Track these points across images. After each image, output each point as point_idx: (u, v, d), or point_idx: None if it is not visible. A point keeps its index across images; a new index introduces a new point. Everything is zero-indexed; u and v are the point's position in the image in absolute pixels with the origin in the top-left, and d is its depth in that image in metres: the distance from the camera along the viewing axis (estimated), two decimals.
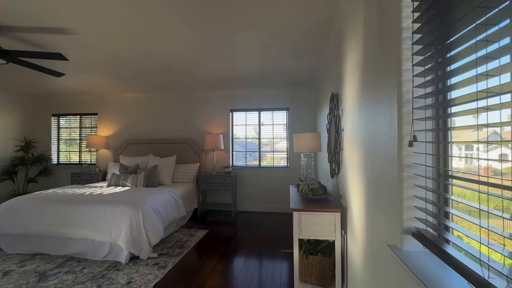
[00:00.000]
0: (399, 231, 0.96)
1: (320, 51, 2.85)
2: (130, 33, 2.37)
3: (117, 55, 2.95)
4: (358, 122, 1.57)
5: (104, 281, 2.23)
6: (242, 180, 4.73)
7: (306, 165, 2.70)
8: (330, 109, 2.51)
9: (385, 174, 1.11)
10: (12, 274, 2.35)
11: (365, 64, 1.42)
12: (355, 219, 1.66)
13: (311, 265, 2.06)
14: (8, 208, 2.87)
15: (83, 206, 2.76)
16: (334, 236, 1.90)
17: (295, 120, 4.60)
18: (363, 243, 1.47)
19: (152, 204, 2.98)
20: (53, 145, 5.43)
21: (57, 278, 2.27)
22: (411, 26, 0.92)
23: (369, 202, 1.36)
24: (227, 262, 2.66)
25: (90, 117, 5.36)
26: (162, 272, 2.39)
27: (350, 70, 1.78)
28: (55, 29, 2.30)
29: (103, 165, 5.15)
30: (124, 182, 3.85)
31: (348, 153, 1.87)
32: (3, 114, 4.95)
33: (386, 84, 1.09)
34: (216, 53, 2.90)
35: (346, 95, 1.93)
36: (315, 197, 2.11)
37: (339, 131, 2.13)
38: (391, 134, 1.04)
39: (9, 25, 2.20)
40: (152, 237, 2.72)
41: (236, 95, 4.75)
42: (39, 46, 2.65)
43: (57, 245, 2.74)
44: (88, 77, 3.86)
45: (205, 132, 4.84)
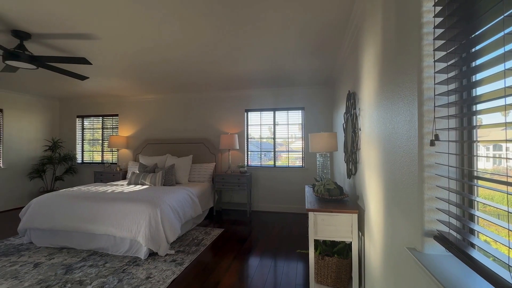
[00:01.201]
0: (420, 233, 0.93)
1: (336, 49, 2.80)
2: (149, 37, 2.45)
3: (136, 58, 3.06)
4: (376, 121, 1.53)
5: (124, 275, 2.32)
6: (257, 180, 4.74)
7: (321, 165, 2.66)
8: (347, 108, 2.46)
9: (404, 175, 1.08)
10: (41, 266, 2.50)
11: (383, 62, 1.38)
12: (373, 221, 1.61)
13: (327, 266, 2.03)
14: (38, 204, 3.05)
15: (105, 204, 2.89)
16: (351, 237, 1.86)
17: (311, 120, 4.55)
18: (382, 245, 1.43)
19: (170, 202, 3.06)
20: (78, 145, 5.72)
21: (82, 271, 2.39)
22: (432, 20, 0.89)
23: (387, 203, 1.32)
24: (242, 261, 2.68)
25: (111, 118, 5.59)
26: (179, 269, 2.45)
27: (368, 68, 1.74)
28: (80, 35, 2.42)
29: (124, 164, 5.36)
30: (143, 180, 3.98)
31: (365, 153, 1.82)
32: (33, 116, 5.28)
33: (406, 81, 1.05)
34: (232, 55, 2.93)
35: (363, 93, 1.89)
36: (331, 197, 2.07)
37: (356, 130, 2.08)
38: (411, 133, 1.01)
39: (39, 32, 2.34)
40: (169, 234, 2.80)
41: (251, 95, 4.77)
42: (65, 51, 2.80)
43: (82, 240, 2.88)
44: (109, 79, 4.03)
45: (220, 132, 4.90)
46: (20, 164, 5.01)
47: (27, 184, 5.12)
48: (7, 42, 2.52)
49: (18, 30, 2.30)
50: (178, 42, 2.58)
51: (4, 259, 2.64)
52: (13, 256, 2.72)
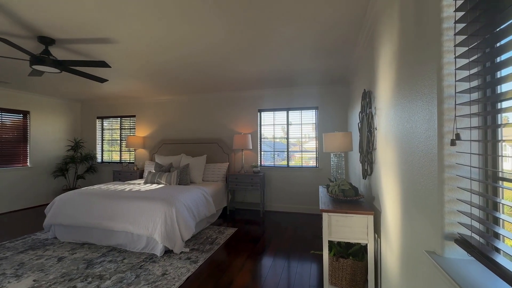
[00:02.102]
0: (439, 236, 0.89)
1: (351, 47, 2.75)
2: (164, 40, 2.51)
3: (152, 61, 3.14)
4: (393, 120, 1.49)
5: (142, 271, 2.39)
6: (270, 180, 4.74)
7: (336, 165, 2.62)
8: (362, 107, 2.40)
9: (423, 175, 1.04)
10: (65, 260, 2.63)
11: (400, 59, 1.34)
12: (390, 223, 1.57)
13: (342, 268, 2.00)
14: (61, 202, 3.21)
15: (123, 202, 2.99)
16: (367, 239, 1.82)
17: (325, 119, 4.49)
18: (399, 248, 1.39)
19: (185, 201, 3.12)
20: (98, 145, 5.96)
21: (102, 266, 2.49)
22: (453, 15, 0.85)
23: (405, 205, 1.28)
24: (255, 260, 2.69)
25: (129, 119, 5.78)
26: (194, 267, 2.49)
27: (384, 66, 1.69)
28: (99, 39, 2.52)
29: (141, 164, 5.53)
30: (159, 180, 4.08)
31: (381, 153, 1.77)
32: (57, 117, 5.56)
33: (425, 79, 1.02)
34: (246, 55, 2.94)
35: (379, 92, 1.84)
36: (346, 198, 2.04)
37: (372, 130, 2.03)
38: (430, 133, 0.97)
39: (62, 37, 2.46)
40: (184, 233, 2.85)
41: (264, 95, 4.78)
42: (85, 55, 2.93)
43: (102, 236, 3.00)
44: (127, 81, 4.16)
45: (233, 132, 4.94)
46: (45, 163, 5.29)
47: (51, 182, 5.40)
48: (34, 48, 2.67)
49: (43, 36, 2.42)
50: (192, 43, 2.63)
51: (31, 253, 2.80)
52: (39, 250, 2.87)
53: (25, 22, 2.16)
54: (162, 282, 2.20)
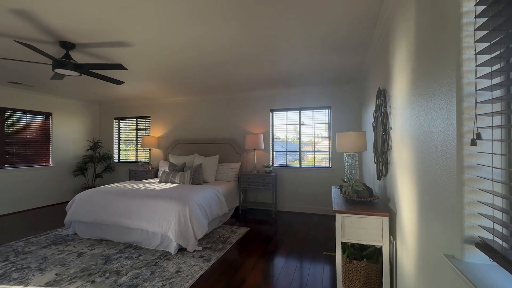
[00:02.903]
0: (459, 240, 0.86)
1: (365, 45, 2.69)
2: (177, 42, 2.56)
3: (166, 62, 3.21)
4: (409, 119, 1.44)
5: (156, 268, 2.45)
6: (282, 180, 4.72)
7: (349, 165, 2.58)
8: (377, 106, 2.35)
9: (441, 176, 1.01)
10: (84, 255, 2.74)
11: (417, 56, 1.30)
12: (406, 225, 1.53)
13: (355, 270, 1.96)
14: (81, 199, 3.35)
15: (139, 200, 3.08)
16: (381, 241, 1.78)
17: (338, 119, 4.42)
18: (416, 251, 1.35)
19: (197, 200, 3.17)
20: (115, 145, 6.16)
21: (119, 262, 2.57)
22: (473, 9, 0.82)
23: (422, 207, 1.24)
24: (267, 260, 2.69)
25: (144, 119, 5.94)
26: (207, 265, 2.53)
27: (400, 64, 1.65)
28: (117, 43, 2.61)
29: (155, 163, 5.66)
30: (173, 179, 4.17)
31: (397, 153, 1.73)
32: (77, 118, 5.79)
33: (443, 76, 0.98)
34: (258, 55, 2.95)
35: (394, 90, 1.79)
36: (360, 199, 2.00)
37: (387, 129, 1.98)
38: (448, 132, 0.94)
39: (82, 42, 2.57)
40: (197, 231, 2.90)
41: (276, 95, 4.77)
42: (103, 59, 3.04)
43: (119, 233, 3.10)
44: (142, 83, 4.28)
45: (245, 132, 4.96)
46: (66, 162, 5.53)
47: (72, 181, 5.64)
48: (56, 53, 2.80)
49: (65, 41, 2.54)
50: (204, 45, 2.66)
51: (54, 248, 2.94)
52: (60, 245, 3.01)
53: (48, 28, 2.27)
54: (176, 279, 2.25)
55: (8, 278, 2.28)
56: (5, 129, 4.58)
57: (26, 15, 2.05)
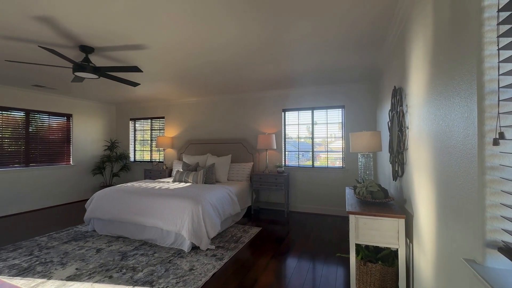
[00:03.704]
0: (480, 244, 0.82)
1: (380, 43, 2.63)
2: (190, 43, 2.61)
3: (180, 64, 3.28)
4: (426, 118, 1.40)
5: (170, 266, 2.51)
6: (294, 180, 4.69)
7: (363, 166, 2.53)
8: (392, 105, 2.29)
9: (461, 178, 0.97)
10: (102, 251, 2.84)
11: (435, 53, 1.26)
12: (423, 227, 1.48)
13: (370, 273, 1.92)
14: (100, 197, 3.47)
15: (153, 199, 3.16)
16: (397, 244, 1.73)
17: (351, 118, 4.34)
18: (434, 254, 1.30)
19: (210, 199, 3.21)
20: (131, 145, 6.35)
21: (135, 259, 2.65)
22: (496, 3, 0.78)
23: (440, 209, 1.20)
24: (279, 261, 2.68)
25: (158, 120, 6.08)
26: (219, 264, 2.55)
27: (416, 61, 1.60)
28: (133, 46, 2.69)
29: (169, 163, 5.78)
30: (186, 178, 4.24)
31: (413, 153, 1.68)
32: (95, 120, 6.02)
33: (463, 73, 0.95)
34: (270, 54, 2.95)
35: (411, 88, 1.74)
36: (374, 200, 1.96)
37: (403, 129, 1.93)
38: (469, 131, 0.90)
39: (100, 46, 2.67)
40: (210, 230, 2.94)
41: (288, 94, 4.74)
42: (120, 61, 3.14)
43: (135, 230, 3.19)
44: (157, 85, 4.38)
45: (258, 132, 4.97)
46: (85, 162, 5.76)
47: (90, 179, 5.86)
48: (76, 57, 2.92)
49: (84, 45, 2.64)
50: (216, 45, 2.69)
51: (74, 243, 3.07)
52: (80, 241, 3.14)
53: (69, 33, 2.38)
54: (190, 277, 2.29)
55: (33, 271, 2.41)
56: (29, 130, 4.83)
57: (49, 21, 2.15)
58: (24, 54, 2.89)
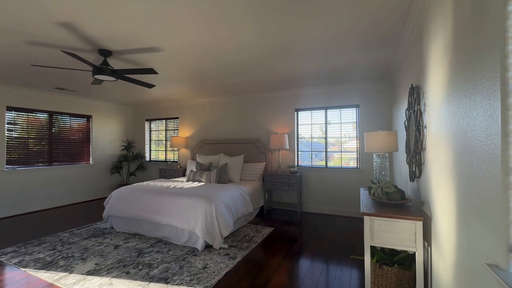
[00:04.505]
0: (504, 248, 0.79)
1: (395, 40, 2.55)
2: (205, 45, 2.65)
3: (193, 65, 3.33)
4: (446, 117, 1.35)
5: (185, 263, 2.56)
6: (307, 181, 4.65)
7: (379, 166, 2.47)
8: (409, 103, 2.22)
9: (483, 179, 0.93)
10: (120, 248, 2.94)
11: (454, 50, 1.21)
12: (442, 230, 1.43)
13: (386, 276, 1.87)
14: (117, 196, 3.60)
15: (168, 198, 3.23)
16: (415, 247, 1.68)
17: (366, 118, 4.24)
18: (454, 258, 1.25)
19: (223, 199, 3.24)
20: (146, 145, 6.52)
21: (150, 256, 2.72)
22: None
23: (461, 211, 1.15)
24: (292, 261, 2.67)
25: (173, 120, 6.21)
26: (232, 263, 2.57)
27: (435, 59, 1.54)
28: (148, 49, 2.76)
29: (183, 162, 5.89)
30: (200, 178, 4.30)
31: (432, 153, 1.62)
32: (113, 120, 6.23)
33: (485, 70, 0.91)
34: (285, 55, 2.94)
35: (429, 86, 1.68)
36: (390, 201, 1.90)
37: (421, 128, 1.87)
38: (491, 131, 0.86)
39: (118, 49, 2.76)
40: (223, 229, 2.97)
41: (301, 94, 4.71)
42: (136, 64, 3.24)
43: (150, 228, 3.28)
44: (171, 86, 4.48)
45: (270, 132, 4.96)
46: (103, 161, 5.98)
47: (108, 178, 6.08)
48: (95, 60, 3.04)
49: (103, 49, 2.75)
50: (230, 46, 2.72)
51: (94, 240, 3.20)
52: (99, 238, 3.26)
53: (89, 38, 2.48)
54: (203, 275, 2.32)
55: (56, 265, 2.53)
56: (52, 131, 5.07)
57: (71, 27, 2.26)
58: (48, 59, 3.04)
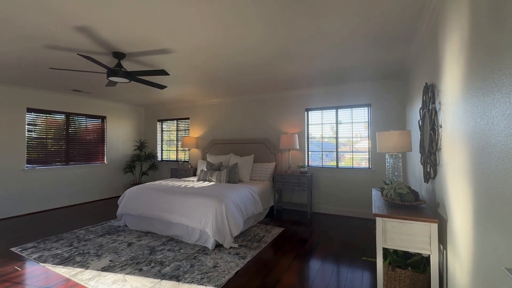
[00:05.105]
0: None
1: (409, 37, 2.49)
2: (215, 46, 2.67)
3: (204, 66, 3.37)
4: (462, 116, 1.31)
5: (195, 262, 2.59)
6: (318, 181, 4.60)
7: (392, 167, 2.41)
8: (424, 102, 2.16)
9: (502, 180, 0.89)
10: (133, 245, 3.01)
11: (472, 46, 1.17)
12: (459, 233, 1.38)
13: (399, 279, 1.83)
14: (130, 194, 3.68)
15: (179, 197, 3.28)
16: (429, 250, 1.64)
17: (378, 117, 4.16)
18: (471, 263, 1.21)
19: (233, 198, 3.26)
20: (158, 145, 6.65)
21: (162, 254, 2.78)
22: None
23: (478, 214, 1.12)
24: (302, 262, 2.65)
25: (184, 121, 6.30)
26: (242, 262, 2.59)
27: (451, 55, 1.50)
28: (160, 50, 2.82)
29: (194, 162, 5.97)
30: (210, 177, 4.35)
31: (447, 153, 1.57)
32: (126, 121, 6.39)
33: (505, 67, 0.87)
34: (296, 54, 2.93)
35: (444, 85, 1.63)
36: (403, 203, 1.86)
37: (436, 127, 1.81)
38: (511, 130, 0.83)
39: (131, 51, 2.83)
40: (233, 228, 2.98)
41: (311, 93, 4.67)
42: (148, 66, 3.31)
43: (162, 226, 3.34)
44: (182, 87, 4.55)
45: (280, 132, 4.95)
46: (117, 161, 6.14)
47: (122, 177, 6.23)
48: (109, 62, 3.12)
49: (117, 52, 2.82)
50: (240, 46, 2.73)
51: (108, 237, 3.29)
52: (113, 235, 3.35)
53: (104, 41, 2.55)
54: (214, 274, 2.35)
55: (73, 261, 2.62)
56: (69, 131, 5.26)
57: (86, 31, 2.33)
58: (65, 62, 3.16)
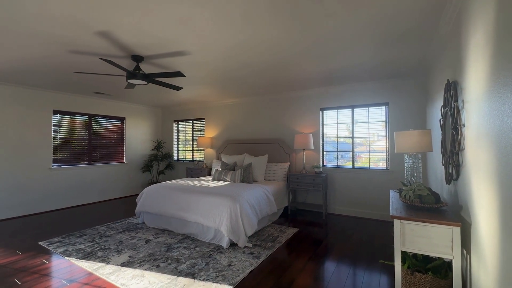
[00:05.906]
0: None
1: (429, 33, 2.39)
2: (228, 46, 2.70)
3: (218, 67, 3.41)
4: (487, 114, 1.24)
5: (210, 260, 2.63)
6: (333, 182, 4.53)
7: (411, 167, 2.33)
8: (445, 100, 2.07)
9: None
10: (151, 242, 3.11)
11: (498, 40, 1.11)
12: (484, 238, 1.32)
13: (418, 284, 1.77)
14: (148, 193, 3.80)
15: (195, 196, 3.34)
16: (451, 254, 1.57)
17: (397, 116, 4.03)
18: (496, 268, 1.15)
19: (248, 198, 3.28)
20: (174, 145, 6.81)
21: (178, 251, 2.84)
22: None
23: (505, 218, 1.06)
24: (317, 263, 2.62)
25: (199, 121, 6.41)
26: (256, 262, 2.60)
27: (475, 50, 1.43)
28: (176, 53, 2.89)
29: (209, 162, 6.06)
30: (225, 177, 4.40)
31: (471, 154, 1.50)
32: (144, 122, 6.59)
33: None
34: (312, 53, 2.90)
35: (468, 82, 1.56)
36: (423, 205, 1.80)
37: (458, 127, 1.74)
38: None
39: (149, 54, 2.92)
40: (247, 228, 3.00)
41: (327, 92, 4.60)
42: (165, 68, 3.40)
43: (178, 225, 3.42)
44: (197, 88, 4.63)
45: (294, 132, 4.91)
46: (136, 160, 6.35)
47: (140, 176, 6.44)
48: (128, 65, 3.24)
49: (136, 55, 2.92)
50: (254, 46, 2.74)
51: (127, 234, 3.41)
52: (132, 232, 3.48)
53: (123, 45, 2.66)
54: (228, 272, 2.37)
55: (95, 256, 2.75)
56: (92, 132, 5.50)
57: (107, 35, 2.43)
58: (87, 66, 3.31)
